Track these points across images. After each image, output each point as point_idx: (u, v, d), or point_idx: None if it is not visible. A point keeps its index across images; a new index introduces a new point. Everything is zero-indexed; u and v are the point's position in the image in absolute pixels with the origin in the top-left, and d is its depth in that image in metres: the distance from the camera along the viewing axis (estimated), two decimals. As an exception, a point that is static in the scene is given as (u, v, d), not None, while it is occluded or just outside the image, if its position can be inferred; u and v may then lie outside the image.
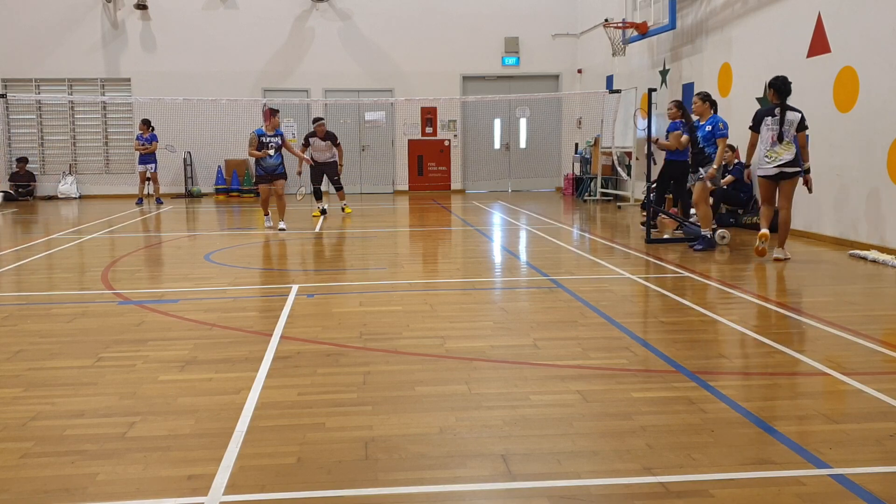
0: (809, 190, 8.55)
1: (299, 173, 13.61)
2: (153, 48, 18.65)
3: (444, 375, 4.40)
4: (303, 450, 3.34)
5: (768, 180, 8.23)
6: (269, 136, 11.36)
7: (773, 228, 8.36)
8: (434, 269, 8.44)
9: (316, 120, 13.68)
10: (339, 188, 14.03)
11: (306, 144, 13.56)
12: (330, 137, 13.52)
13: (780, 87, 8.22)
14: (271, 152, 11.29)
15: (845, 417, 3.70)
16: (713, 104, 9.66)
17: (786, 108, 8.12)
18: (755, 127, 8.31)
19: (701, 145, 9.28)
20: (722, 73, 12.41)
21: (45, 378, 4.43)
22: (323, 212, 13.77)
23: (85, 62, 18.52)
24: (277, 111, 11.65)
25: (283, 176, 11.56)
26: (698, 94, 9.78)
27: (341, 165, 13.83)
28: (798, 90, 10.28)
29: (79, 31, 18.50)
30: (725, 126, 9.34)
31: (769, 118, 8.13)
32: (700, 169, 9.26)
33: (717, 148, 9.19)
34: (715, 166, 9.14)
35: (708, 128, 9.31)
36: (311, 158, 13.42)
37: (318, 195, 13.89)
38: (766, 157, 8.11)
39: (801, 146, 8.14)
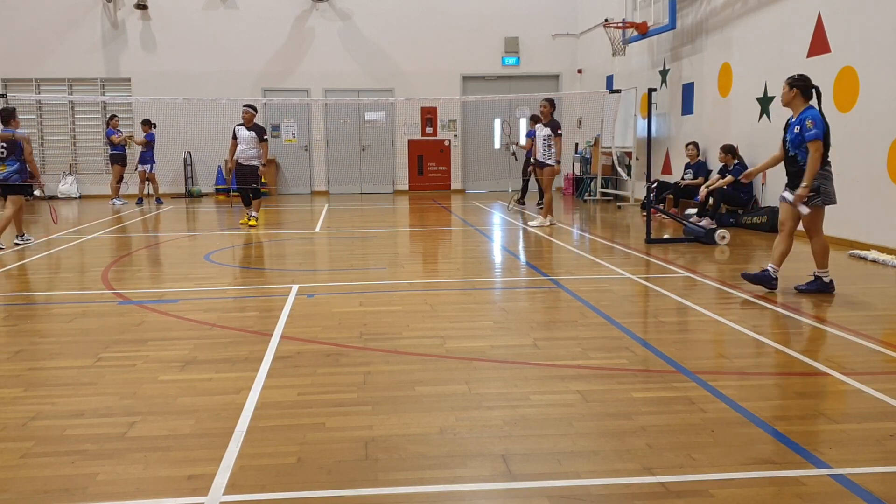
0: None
1: (229, 171, 11.90)
2: (153, 48, 18.65)
3: (444, 375, 4.40)
4: (303, 450, 3.34)
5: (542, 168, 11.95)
6: None
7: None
8: (434, 269, 8.44)
9: (245, 106, 12.05)
10: (254, 197, 12.22)
11: (234, 137, 12.03)
12: (256, 130, 11.97)
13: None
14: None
15: (845, 417, 3.70)
16: (806, 91, 6.52)
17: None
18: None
19: (791, 153, 6.56)
20: (722, 73, 12.40)
21: (45, 378, 4.43)
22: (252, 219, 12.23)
23: (85, 62, 18.53)
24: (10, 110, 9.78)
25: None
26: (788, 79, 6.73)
27: (264, 165, 12.26)
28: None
29: (79, 31, 18.50)
30: (818, 123, 6.36)
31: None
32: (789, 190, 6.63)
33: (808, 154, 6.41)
34: (805, 183, 6.36)
35: (796, 128, 6.50)
36: (235, 158, 12.00)
37: (245, 200, 12.24)
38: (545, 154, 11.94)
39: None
